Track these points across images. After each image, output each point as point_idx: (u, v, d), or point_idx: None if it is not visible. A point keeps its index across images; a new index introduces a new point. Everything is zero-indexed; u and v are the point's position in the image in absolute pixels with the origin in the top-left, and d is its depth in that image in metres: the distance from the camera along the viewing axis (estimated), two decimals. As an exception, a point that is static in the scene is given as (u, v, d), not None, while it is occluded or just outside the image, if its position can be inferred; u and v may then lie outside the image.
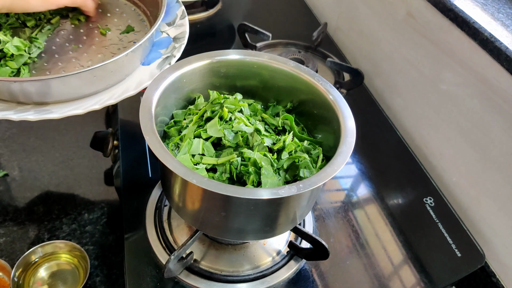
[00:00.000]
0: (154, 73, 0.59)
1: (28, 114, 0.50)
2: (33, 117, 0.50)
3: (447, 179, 0.74)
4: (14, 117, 0.50)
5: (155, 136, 0.42)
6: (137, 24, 0.69)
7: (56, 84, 0.50)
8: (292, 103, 0.57)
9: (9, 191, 0.71)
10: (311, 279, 0.56)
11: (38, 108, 0.52)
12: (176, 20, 0.67)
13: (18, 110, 0.51)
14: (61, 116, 0.51)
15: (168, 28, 0.66)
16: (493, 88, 0.63)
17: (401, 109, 0.86)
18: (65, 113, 0.52)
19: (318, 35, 0.94)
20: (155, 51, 0.63)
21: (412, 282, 0.58)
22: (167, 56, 0.61)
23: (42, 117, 0.51)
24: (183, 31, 0.65)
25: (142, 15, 0.71)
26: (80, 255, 0.61)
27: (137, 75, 0.59)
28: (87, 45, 0.63)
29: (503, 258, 0.65)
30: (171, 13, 0.68)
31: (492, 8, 0.69)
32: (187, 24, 0.66)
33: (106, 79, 0.55)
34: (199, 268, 0.54)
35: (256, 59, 0.55)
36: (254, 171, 0.45)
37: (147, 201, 0.61)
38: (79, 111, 0.52)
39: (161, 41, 0.64)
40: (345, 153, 0.44)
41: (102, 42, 0.64)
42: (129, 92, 0.56)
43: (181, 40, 0.64)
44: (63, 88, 0.51)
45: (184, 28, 0.66)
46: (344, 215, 0.65)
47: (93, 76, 0.52)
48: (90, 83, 0.53)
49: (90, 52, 0.62)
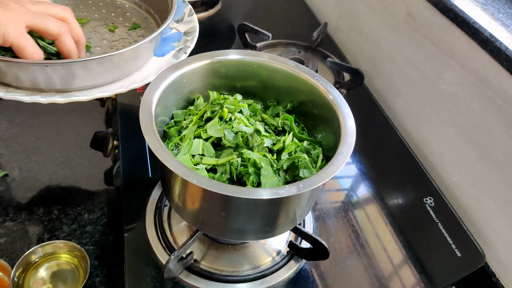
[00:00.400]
0: (170, 62, 0.62)
1: (56, 98, 0.52)
2: (61, 99, 0.52)
3: (447, 179, 0.74)
4: (42, 100, 0.51)
5: (155, 136, 0.42)
6: (142, 21, 0.71)
7: (78, 69, 0.51)
8: (292, 103, 0.57)
9: (9, 191, 0.71)
10: (311, 279, 0.56)
11: (63, 93, 0.54)
12: (184, 18, 0.70)
13: (44, 94, 0.52)
14: (89, 98, 0.53)
15: (176, 25, 0.69)
16: (493, 88, 0.63)
17: (401, 109, 0.86)
18: (93, 96, 0.53)
19: (318, 35, 0.94)
20: (167, 45, 0.65)
21: (412, 282, 0.58)
22: (180, 47, 0.64)
23: (69, 99, 0.52)
24: (193, 26, 0.68)
25: (145, 13, 0.73)
26: (80, 255, 0.61)
27: (155, 64, 0.62)
28: (98, 40, 0.65)
29: (503, 258, 0.65)
30: (178, 12, 0.70)
31: (492, 8, 0.69)
32: (196, 20, 0.69)
33: (123, 67, 0.57)
34: (199, 268, 0.54)
35: (256, 59, 0.55)
36: (253, 171, 0.45)
37: (147, 201, 0.61)
38: (107, 94, 0.54)
39: (171, 36, 0.67)
40: (345, 153, 0.44)
41: (112, 37, 0.67)
42: (150, 77, 0.58)
43: (192, 33, 0.67)
44: (84, 74, 0.52)
45: (193, 23, 0.69)
46: (344, 215, 0.65)
47: (111, 63, 0.54)
48: (109, 70, 0.55)
49: (102, 46, 0.65)
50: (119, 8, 0.73)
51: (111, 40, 0.66)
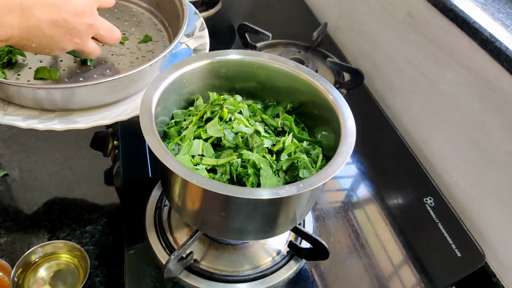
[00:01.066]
0: None
1: (54, 124, 0.51)
2: (59, 126, 0.51)
3: (447, 179, 0.74)
4: (39, 126, 0.50)
5: (155, 136, 0.42)
6: (154, 34, 0.68)
7: (81, 91, 0.50)
8: (292, 104, 0.57)
9: (9, 192, 0.71)
10: (311, 279, 0.56)
11: (62, 118, 0.52)
12: (196, 32, 0.67)
13: (42, 119, 0.51)
14: (87, 126, 0.52)
15: (187, 39, 0.66)
16: (493, 88, 0.63)
17: (401, 109, 0.86)
18: (92, 123, 0.52)
19: (318, 35, 0.94)
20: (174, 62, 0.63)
21: (412, 282, 0.58)
22: None
23: (68, 127, 0.51)
24: (204, 43, 0.65)
25: (160, 24, 0.71)
26: (80, 255, 0.61)
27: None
28: (106, 52, 0.63)
29: (503, 258, 0.65)
30: (190, 24, 0.68)
31: (492, 8, 0.69)
32: (207, 36, 0.66)
33: (128, 88, 0.55)
34: (199, 268, 0.54)
35: (256, 59, 0.55)
36: (253, 172, 0.46)
37: (147, 201, 0.61)
38: (106, 122, 0.53)
39: (180, 52, 0.64)
40: (345, 153, 0.44)
41: (121, 50, 0.65)
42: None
43: (202, 51, 0.64)
44: (86, 95, 0.52)
45: (204, 39, 0.66)
46: (344, 215, 0.65)
47: (115, 85, 0.53)
48: (113, 92, 0.54)
49: (108, 59, 0.62)
50: (134, 16, 0.71)
51: (119, 54, 0.64)
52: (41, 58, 0.60)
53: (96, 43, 0.53)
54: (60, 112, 0.53)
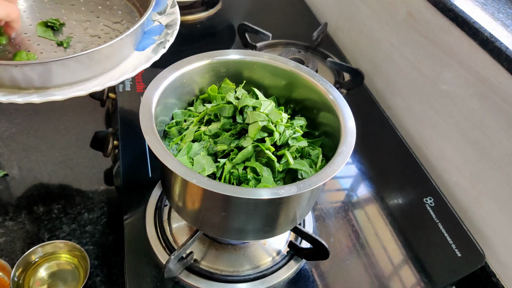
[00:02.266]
0: (149, 57, 0.60)
1: (32, 97, 0.52)
2: (38, 99, 0.52)
3: (447, 179, 0.74)
4: (19, 100, 0.51)
5: (155, 136, 0.42)
6: (128, 16, 0.70)
7: (56, 67, 0.51)
8: (292, 104, 0.57)
9: (9, 191, 0.71)
10: (311, 279, 0.56)
11: (40, 92, 0.54)
12: (167, 9, 0.69)
13: (22, 94, 0.53)
14: (64, 98, 0.53)
15: (159, 17, 0.68)
16: (493, 88, 0.63)
17: (401, 109, 0.86)
18: (69, 95, 0.53)
19: (318, 35, 0.94)
20: (148, 38, 0.64)
21: (412, 282, 0.58)
22: (160, 41, 0.63)
23: (46, 99, 0.52)
24: (175, 18, 0.67)
25: (132, 7, 0.72)
26: (80, 255, 0.61)
27: (134, 60, 0.61)
28: (80, 34, 0.65)
29: (503, 258, 0.65)
30: (162, 3, 0.69)
31: (492, 8, 0.69)
32: (177, 12, 0.68)
33: (102, 63, 0.56)
34: (199, 268, 0.54)
35: (256, 59, 0.55)
36: (253, 177, 0.46)
37: (147, 201, 0.61)
38: (82, 93, 0.54)
39: (153, 29, 0.66)
40: (345, 153, 0.44)
41: (95, 32, 0.66)
42: (127, 74, 0.57)
43: (173, 26, 0.65)
44: (62, 71, 0.53)
45: (175, 15, 0.67)
46: (344, 215, 0.65)
47: (90, 60, 0.54)
48: (88, 67, 0.55)
49: (84, 41, 0.64)
50: (107, 0, 0.73)
51: (93, 35, 0.65)
52: (19, 43, 0.61)
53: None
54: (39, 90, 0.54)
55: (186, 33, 0.99)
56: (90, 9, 0.70)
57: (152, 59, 0.59)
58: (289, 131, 0.49)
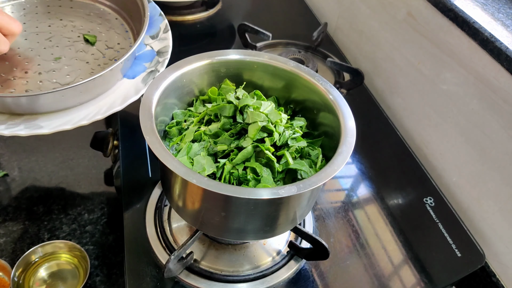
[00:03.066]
0: (139, 88, 0.59)
1: (19, 130, 0.52)
2: (24, 132, 0.52)
3: (447, 179, 0.74)
4: (5, 132, 0.51)
5: (155, 136, 0.42)
6: (123, 41, 0.67)
7: (44, 98, 0.52)
8: (292, 105, 0.57)
9: (9, 191, 0.71)
10: (311, 279, 0.56)
11: (28, 122, 0.53)
12: (160, 34, 0.67)
13: (9, 124, 0.53)
14: (51, 132, 0.53)
15: (152, 41, 0.66)
16: (493, 88, 0.63)
17: (401, 109, 0.86)
18: (55, 129, 0.53)
19: (318, 35, 0.94)
20: (139, 64, 0.63)
21: (412, 282, 0.58)
22: (151, 70, 0.61)
23: (32, 133, 0.52)
24: (167, 45, 0.65)
25: (125, 25, 0.70)
26: (80, 255, 0.61)
27: (123, 89, 0.59)
28: (69, 57, 0.62)
29: (503, 258, 0.65)
30: (154, 26, 0.67)
31: (492, 8, 0.69)
32: (170, 38, 0.66)
33: (90, 92, 0.56)
34: (199, 268, 0.54)
35: (256, 59, 0.55)
36: (253, 177, 0.46)
37: (147, 201, 0.61)
38: (68, 127, 0.54)
39: (145, 54, 0.64)
40: (345, 153, 0.44)
41: (85, 56, 0.63)
42: (115, 107, 0.56)
43: (165, 54, 0.64)
44: (50, 101, 0.53)
45: (167, 42, 0.66)
46: (344, 215, 0.65)
47: (78, 92, 0.53)
48: (75, 96, 0.55)
49: (72, 64, 0.62)
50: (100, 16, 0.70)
51: (83, 59, 0.62)
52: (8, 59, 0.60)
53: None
54: (27, 116, 0.54)
55: (186, 33, 0.99)
56: (88, 27, 0.68)
57: (141, 91, 0.58)
58: (288, 132, 0.49)
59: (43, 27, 0.66)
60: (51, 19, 0.68)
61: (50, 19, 0.67)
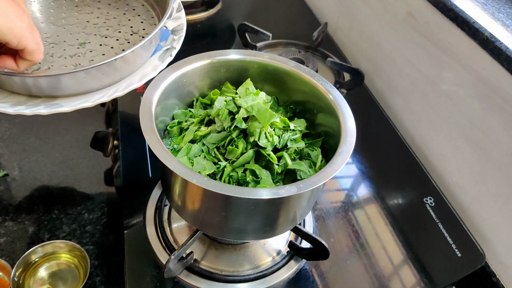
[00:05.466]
0: (156, 65, 0.60)
1: (40, 109, 0.52)
2: (45, 111, 0.52)
3: (447, 179, 0.74)
4: (27, 111, 0.51)
5: (155, 136, 0.42)
6: (147, 21, 0.69)
7: (65, 79, 0.51)
8: (292, 105, 0.57)
9: (9, 191, 0.71)
10: (311, 279, 0.56)
11: (48, 102, 0.54)
12: (173, 13, 0.68)
13: (29, 105, 0.53)
14: (71, 109, 0.53)
15: (166, 20, 0.67)
16: (493, 88, 0.63)
17: (401, 109, 0.86)
18: (75, 106, 0.53)
19: (318, 35, 0.94)
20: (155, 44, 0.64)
21: (412, 282, 0.58)
22: (167, 48, 0.62)
23: (53, 111, 0.52)
24: (181, 23, 0.66)
25: (151, 11, 0.71)
26: (80, 255, 0.61)
27: (140, 68, 0.60)
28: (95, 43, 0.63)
29: (503, 258, 0.65)
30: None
31: (492, 8, 0.69)
32: (184, 17, 0.67)
33: (111, 75, 0.56)
34: (199, 268, 0.54)
35: (256, 59, 0.55)
36: (252, 179, 0.46)
37: (147, 201, 0.61)
38: (88, 104, 0.54)
39: (160, 34, 0.65)
40: (345, 153, 0.44)
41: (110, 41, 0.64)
42: (134, 84, 0.57)
43: (180, 32, 0.65)
44: (72, 82, 0.53)
45: (181, 20, 0.67)
46: (344, 215, 0.65)
47: (101, 73, 0.53)
48: (96, 79, 0.54)
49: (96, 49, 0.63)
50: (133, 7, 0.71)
51: (107, 44, 0.63)
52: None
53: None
54: (46, 98, 0.54)
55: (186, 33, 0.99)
56: (114, 14, 0.68)
57: (159, 68, 0.59)
58: (287, 134, 0.49)
59: (70, 13, 0.67)
60: (78, 6, 0.69)
61: (77, 6, 0.69)
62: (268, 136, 0.47)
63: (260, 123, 0.47)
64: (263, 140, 0.47)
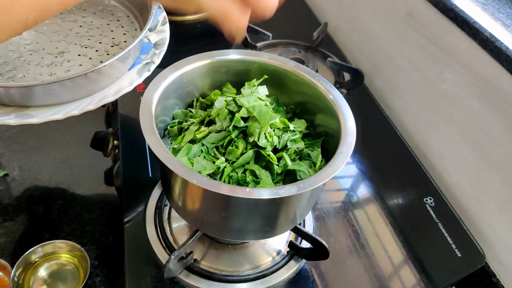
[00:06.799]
0: (133, 79, 0.58)
1: (10, 118, 0.51)
2: (13, 121, 0.51)
3: (447, 179, 0.74)
4: None
5: (155, 136, 0.42)
6: (129, 33, 0.67)
7: (38, 90, 0.50)
8: (292, 105, 0.57)
9: (9, 191, 0.71)
10: (311, 279, 0.56)
11: (19, 111, 0.52)
12: (158, 26, 0.66)
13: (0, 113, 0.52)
14: (41, 121, 0.52)
15: (149, 33, 0.66)
16: (493, 88, 0.63)
17: (401, 109, 0.86)
18: (45, 118, 0.52)
19: (318, 35, 0.94)
20: (137, 56, 0.62)
21: (412, 282, 0.58)
22: (147, 62, 0.61)
23: (22, 122, 0.51)
24: (164, 38, 0.65)
25: (136, 23, 0.69)
26: (80, 255, 0.61)
27: (117, 81, 0.58)
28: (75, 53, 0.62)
29: (503, 258, 0.65)
30: (153, 19, 0.66)
31: (492, 8, 0.69)
32: (167, 31, 0.66)
33: (83, 87, 0.54)
34: (199, 268, 0.54)
35: (256, 59, 0.55)
36: (252, 180, 0.46)
37: (147, 201, 0.61)
38: (59, 116, 0.53)
39: (142, 46, 0.64)
40: (345, 153, 0.44)
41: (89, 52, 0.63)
42: (108, 98, 0.55)
43: (162, 46, 0.63)
44: (44, 93, 0.51)
45: (164, 34, 0.65)
46: (344, 215, 0.65)
47: (74, 85, 0.52)
48: (67, 91, 0.53)
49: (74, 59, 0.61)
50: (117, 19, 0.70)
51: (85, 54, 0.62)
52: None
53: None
54: (18, 107, 0.53)
55: (186, 33, 0.99)
56: (98, 23, 0.67)
57: (135, 82, 0.57)
58: (287, 135, 0.49)
59: (53, 20, 0.66)
60: (63, 13, 0.68)
61: (61, 14, 0.67)
62: (268, 136, 0.47)
63: (260, 124, 0.47)
64: (262, 140, 0.47)
